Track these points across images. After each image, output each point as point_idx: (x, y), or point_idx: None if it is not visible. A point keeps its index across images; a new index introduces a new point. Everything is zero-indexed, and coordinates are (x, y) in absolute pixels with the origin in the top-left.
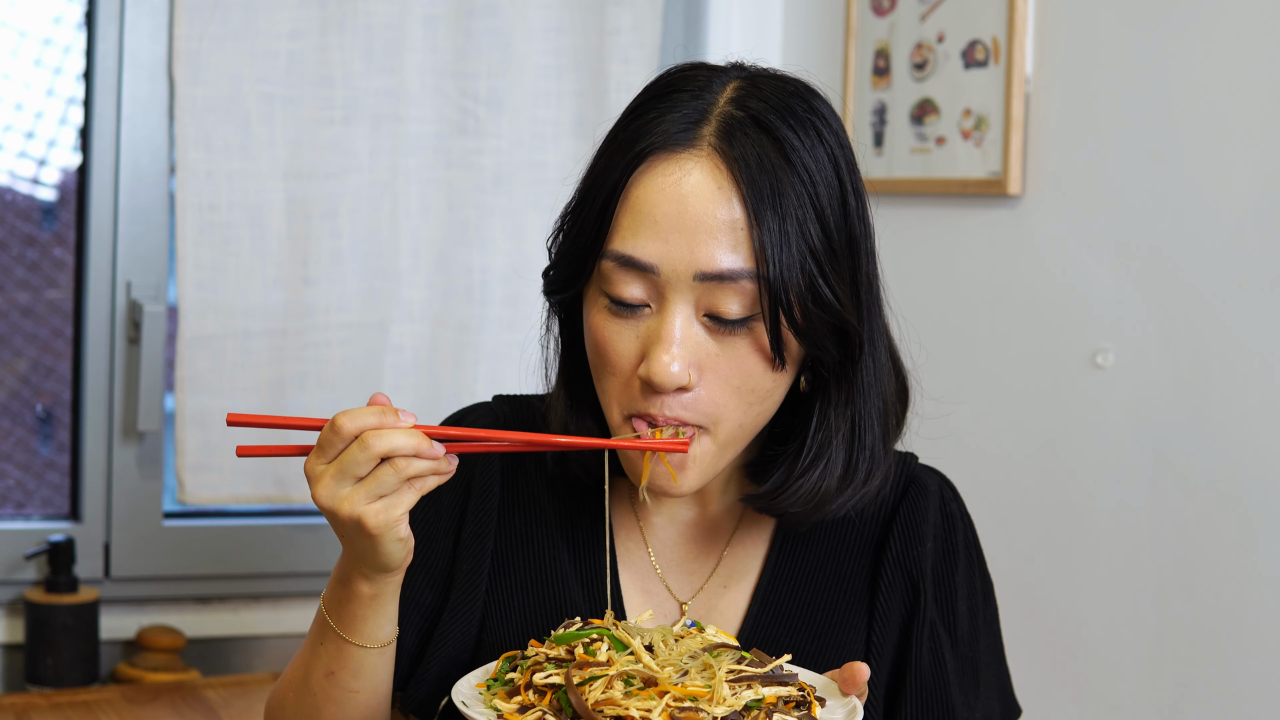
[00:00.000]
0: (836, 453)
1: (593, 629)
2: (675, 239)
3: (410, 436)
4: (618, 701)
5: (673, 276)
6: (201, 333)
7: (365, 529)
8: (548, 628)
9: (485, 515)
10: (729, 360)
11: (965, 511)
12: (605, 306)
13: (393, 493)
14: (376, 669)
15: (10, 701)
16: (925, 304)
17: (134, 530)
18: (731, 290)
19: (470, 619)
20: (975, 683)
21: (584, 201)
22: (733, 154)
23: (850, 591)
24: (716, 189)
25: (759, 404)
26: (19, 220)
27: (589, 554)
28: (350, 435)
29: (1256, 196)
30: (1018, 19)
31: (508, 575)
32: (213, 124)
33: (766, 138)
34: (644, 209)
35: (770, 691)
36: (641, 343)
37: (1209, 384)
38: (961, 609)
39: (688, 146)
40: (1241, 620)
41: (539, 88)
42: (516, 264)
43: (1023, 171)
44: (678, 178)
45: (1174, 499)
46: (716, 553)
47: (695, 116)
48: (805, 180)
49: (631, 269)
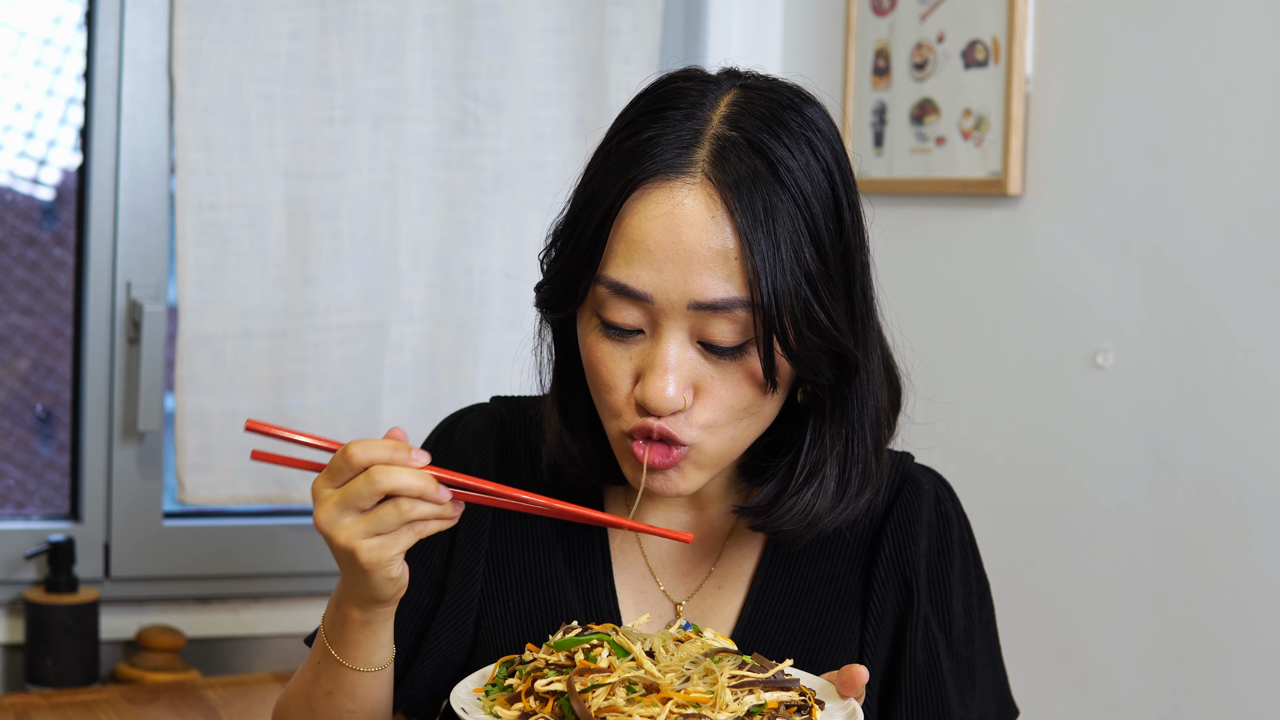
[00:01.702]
0: (830, 470)
1: (593, 634)
2: (669, 269)
3: (418, 478)
4: (621, 708)
5: (667, 305)
6: (201, 333)
7: (358, 562)
8: (542, 629)
9: (480, 517)
10: (723, 384)
11: (961, 510)
12: (599, 329)
13: (391, 532)
14: (372, 691)
15: (10, 701)
16: (925, 304)
17: (134, 530)
18: (725, 319)
19: (465, 621)
20: (971, 682)
21: (576, 224)
22: (726, 180)
23: (844, 591)
24: (710, 218)
25: (752, 421)
26: (19, 220)
27: (583, 556)
28: (359, 466)
29: (1256, 196)
30: (1018, 19)
31: (502, 577)
32: (213, 124)
33: (760, 160)
34: (637, 237)
35: (772, 696)
36: (636, 365)
37: (1209, 384)
38: (957, 608)
39: (680, 173)
40: (1241, 620)
41: (539, 88)
42: (516, 264)
43: (1023, 171)
44: (670, 207)
45: (1174, 499)
46: (712, 555)
47: (688, 139)
48: (800, 201)
49: (625, 296)
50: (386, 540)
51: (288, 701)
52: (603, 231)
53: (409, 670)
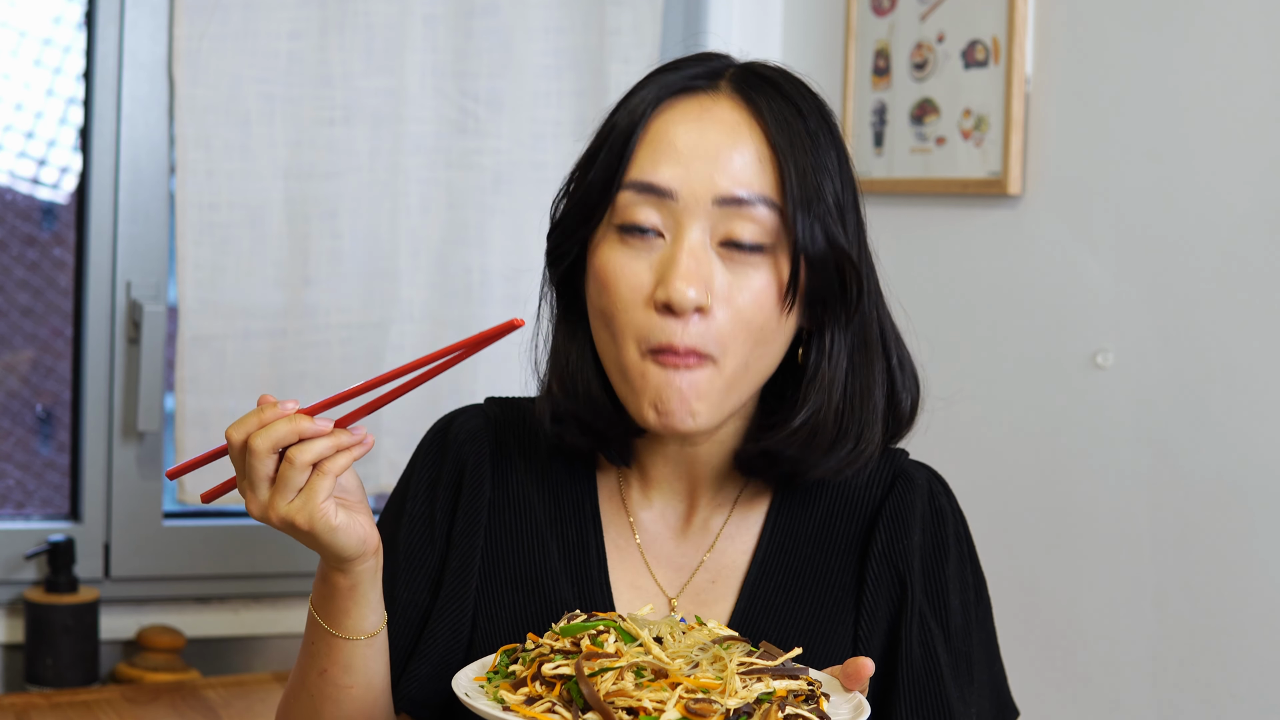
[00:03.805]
0: (833, 391)
1: (599, 621)
2: (696, 165)
3: (290, 424)
4: (630, 693)
5: (691, 201)
6: (201, 333)
7: (299, 528)
8: (538, 624)
9: (475, 513)
10: (741, 291)
11: (956, 506)
12: (617, 239)
13: (304, 487)
14: (367, 662)
15: (10, 701)
16: (925, 304)
17: (134, 530)
18: (749, 218)
19: (461, 617)
20: (969, 677)
21: (603, 143)
22: (751, 95)
23: (837, 586)
24: (738, 121)
25: (764, 344)
26: (19, 220)
27: (579, 551)
28: (241, 444)
29: (1256, 196)
30: (1018, 19)
31: (498, 573)
32: (213, 124)
33: (778, 90)
34: (665, 139)
35: (780, 685)
36: (655, 271)
37: (1209, 384)
38: (954, 603)
39: (708, 89)
40: (1241, 620)
41: (539, 88)
42: (516, 264)
43: (1023, 171)
44: (698, 112)
45: (1174, 499)
46: (705, 548)
47: (710, 73)
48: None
49: (649, 195)
50: (305, 494)
51: (286, 699)
52: (629, 142)
53: (406, 669)
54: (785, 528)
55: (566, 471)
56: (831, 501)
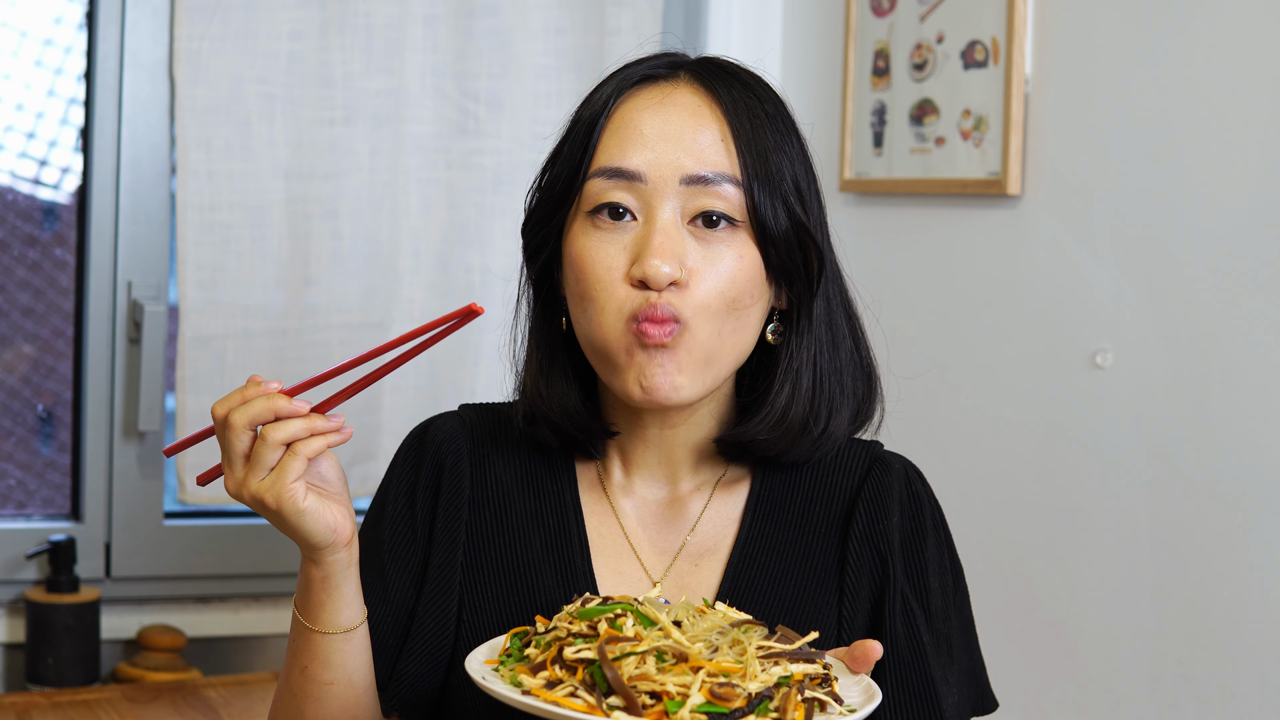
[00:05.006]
0: (802, 376)
1: (616, 604)
2: (661, 146)
3: (267, 402)
4: (653, 677)
5: (659, 182)
6: (202, 333)
7: (267, 506)
8: (521, 616)
9: (455, 510)
10: (713, 265)
11: (931, 493)
12: (590, 225)
13: (276, 465)
14: (345, 658)
15: (11, 701)
16: (925, 304)
17: (135, 530)
18: (715, 194)
19: (445, 614)
20: (950, 658)
21: (569, 136)
22: (712, 82)
23: (820, 568)
24: (699, 104)
25: (737, 316)
26: (20, 220)
27: (560, 539)
28: (222, 419)
29: (1256, 196)
30: (1017, 19)
31: (481, 567)
32: (213, 124)
33: (736, 80)
34: (630, 125)
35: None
36: (630, 251)
37: (1209, 384)
38: (933, 585)
39: (669, 78)
40: (1241, 619)
41: (539, 88)
42: (516, 264)
43: (1022, 171)
44: (660, 97)
45: (1173, 498)
46: (686, 530)
47: (670, 64)
48: (773, 110)
49: (619, 180)
50: (275, 473)
51: (274, 700)
52: (594, 132)
53: (395, 668)
54: (765, 511)
55: (545, 464)
56: (811, 485)
